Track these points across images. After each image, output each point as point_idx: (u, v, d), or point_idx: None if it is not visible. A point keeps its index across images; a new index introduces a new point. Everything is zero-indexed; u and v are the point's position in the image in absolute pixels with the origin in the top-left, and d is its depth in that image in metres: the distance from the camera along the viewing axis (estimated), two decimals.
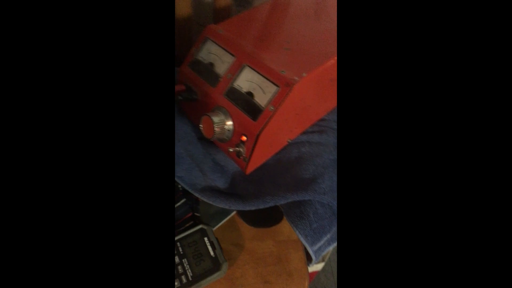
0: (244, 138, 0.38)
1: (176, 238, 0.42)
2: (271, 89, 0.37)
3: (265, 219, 0.44)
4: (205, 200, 0.41)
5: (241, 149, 0.38)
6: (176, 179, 0.42)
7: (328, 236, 0.40)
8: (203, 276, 0.39)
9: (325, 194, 0.39)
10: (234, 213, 0.46)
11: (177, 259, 0.40)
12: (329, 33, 0.44)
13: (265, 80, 0.37)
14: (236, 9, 0.63)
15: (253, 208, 0.39)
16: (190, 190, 0.41)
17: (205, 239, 0.41)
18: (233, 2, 0.59)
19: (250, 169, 0.42)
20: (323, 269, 0.97)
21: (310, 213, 0.39)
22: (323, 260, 0.72)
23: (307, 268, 0.43)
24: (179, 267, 0.40)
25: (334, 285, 0.94)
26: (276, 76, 0.37)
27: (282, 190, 0.39)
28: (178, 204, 0.45)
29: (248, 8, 0.62)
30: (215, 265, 0.39)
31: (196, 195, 0.41)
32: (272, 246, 0.43)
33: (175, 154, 0.43)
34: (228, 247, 0.43)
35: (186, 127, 0.44)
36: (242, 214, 0.44)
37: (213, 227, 0.43)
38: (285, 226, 0.44)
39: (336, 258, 1.00)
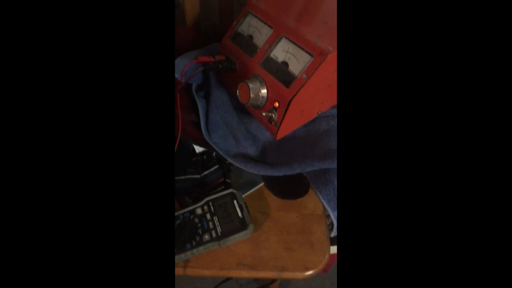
0: (276, 104, 0.40)
1: (208, 198, 0.45)
2: (305, 58, 0.39)
3: (291, 191, 0.46)
4: (236, 164, 0.44)
5: (273, 115, 0.41)
6: (212, 145, 0.46)
7: None
8: (230, 233, 0.42)
9: None
10: (262, 184, 0.48)
11: (208, 216, 0.44)
12: None
13: (300, 50, 0.39)
14: None
15: (280, 173, 0.41)
16: (223, 155, 0.45)
17: (235, 202, 0.44)
18: None
19: (280, 134, 0.44)
20: None
21: (334, 180, 0.40)
22: None
23: (329, 242, 0.44)
24: (210, 223, 0.43)
25: None
26: (311, 46, 0.38)
27: (310, 158, 0.41)
28: (212, 169, 0.49)
29: None
30: (242, 225, 0.42)
31: (229, 160, 0.45)
32: (296, 217, 0.45)
33: (212, 121, 0.46)
34: (255, 214, 0.45)
35: (223, 96, 0.48)
36: (269, 185, 0.47)
37: (243, 194, 0.46)
38: (309, 200, 0.46)
39: None
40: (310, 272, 0.41)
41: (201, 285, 0.87)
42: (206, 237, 0.42)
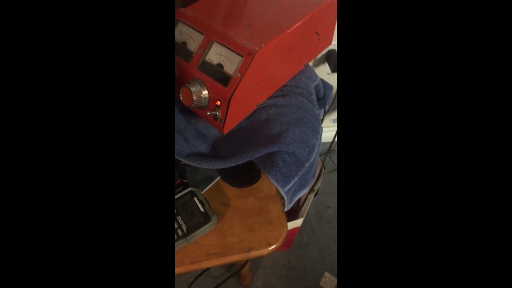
0: (218, 102, 0.44)
1: None
2: (237, 59, 0.43)
3: (245, 179, 0.50)
4: (191, 163, 0.47)
5: (217, 113, 0.45)
6: None
7: (296, 179, 0.48)
8: (195, 228, 0.44)
9: (290, 144, 0.46)
10: (218, 178, 0.50)
11: None
12: (285, 9, 0.51)
13: (231, 52, 0.43)
14: None
15: (233, 164, 0.46)
16: (177, 157, 0.47)
17: (195, 199, 0.46)
18: None
19: (226, 129, 0.48)
20: (305, 228, 1.06)
21: (279, 161, 0.46)
22: (302, 216, 0.81)
23: (285, 216, 0.49)
24: (175, 223, 0.46)
25: (316, 243, 1.04)
26: (240, 47, 0.43)
27: (256, 146, 0.46)
28: None
29: None
30: (206, 218, 0.45)
31: (183, 160, 0.47)
32: (254, 201, 0.48)
33: None
34: (216, 206, 0.47)
35: None
36: (225, 177, 0.49)
37: (201, 191, 0.48)
38: (263, 184, 0.50)
39: (316, 217, 1.09)
40: (273, 247, 0.45)
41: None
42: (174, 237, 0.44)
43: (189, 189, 0.48)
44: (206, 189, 0.50)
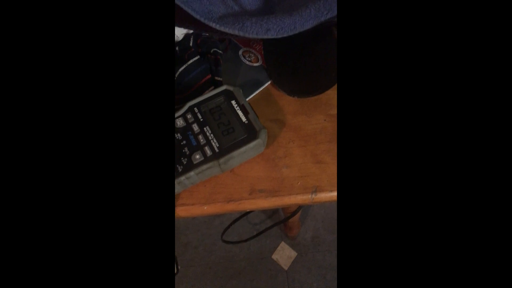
0: None
1: (192, 103, 0.31)
2: None
3: (311, 83, 0.32)
4: (227, 30, 0.27)
5: None
6: (180, 4, 0.27)
7: None
8: (233, 147, 0.29)
9: None
10: (269, 82, 0.35)
11: (196, 128, 0.29)
12: None
13: None
14: None
15: (298, 27, 0.25)
16: (203, 21, 0.27)
17: (233, 102, 0.31)
18: None
19: None
20: None
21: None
22: None
23: None
24: (200, 137, 0.29)
25: None
26: None
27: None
28: (190, 62, 0.33)
29: None
30: (250, 133, 0.29)
31: (213, 25, 0.27)
32: (324, 121, 0.33)
33: None
34: (265, 124, 0.33)
35: None
36: (279, 81, 0.33)
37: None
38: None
39: None
40: None
41: (208, 231, 0.75)
42: (198, 157, 0.28)
43: (224, 87, 0.32)
44: (251, 97, 0.34)
